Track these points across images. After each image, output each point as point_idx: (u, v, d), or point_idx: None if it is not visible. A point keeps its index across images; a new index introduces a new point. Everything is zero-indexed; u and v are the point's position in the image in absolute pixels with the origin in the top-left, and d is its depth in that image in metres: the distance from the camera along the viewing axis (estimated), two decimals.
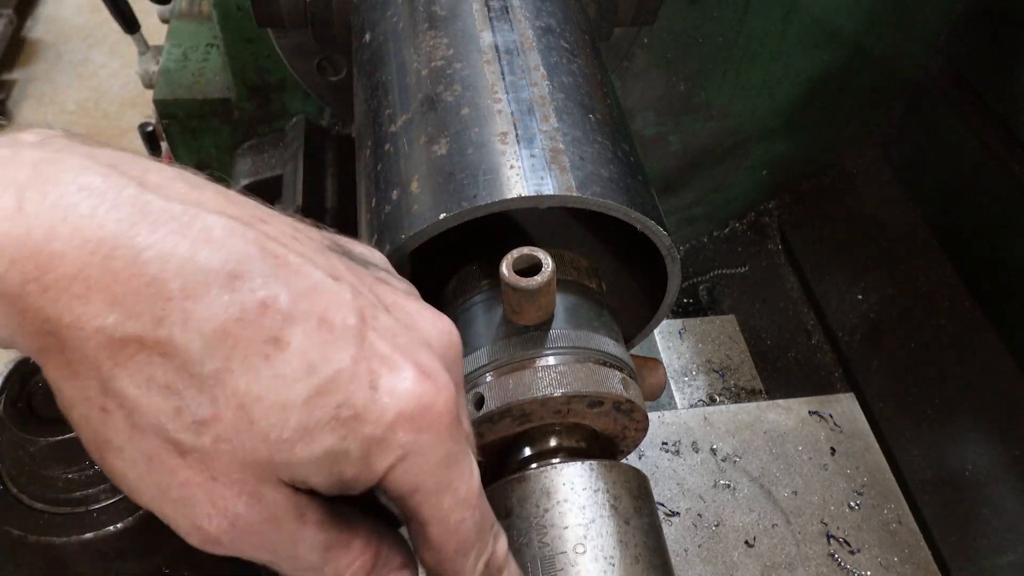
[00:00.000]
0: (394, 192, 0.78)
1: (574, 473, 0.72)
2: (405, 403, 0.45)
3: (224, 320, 0.41)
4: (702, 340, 1.52)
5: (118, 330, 0.40)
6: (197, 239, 0.42)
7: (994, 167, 1.51)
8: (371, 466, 0.45)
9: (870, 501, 1.03)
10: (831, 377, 1.68)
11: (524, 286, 0.69)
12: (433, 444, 0.46)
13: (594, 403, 0.75)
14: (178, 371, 0.41)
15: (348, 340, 0.44)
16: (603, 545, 0.68)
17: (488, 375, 0.74)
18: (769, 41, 1.55)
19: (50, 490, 0.55)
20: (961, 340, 1.54)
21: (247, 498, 0.43)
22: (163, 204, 0.42)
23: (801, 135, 1.77)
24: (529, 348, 0.75)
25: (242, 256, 0.43)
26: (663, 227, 0.77)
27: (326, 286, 0.45)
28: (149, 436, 0.42)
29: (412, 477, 0.46)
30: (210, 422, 0.42)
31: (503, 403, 0.73)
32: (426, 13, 0.91)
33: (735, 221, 1.97)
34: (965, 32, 1.59)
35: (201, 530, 0.44)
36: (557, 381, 0.73)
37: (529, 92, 0.81)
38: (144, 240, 0.41)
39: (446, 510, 0.49)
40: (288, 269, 0.44)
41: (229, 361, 0.42)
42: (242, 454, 0.43)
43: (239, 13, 1.30)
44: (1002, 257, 1.52)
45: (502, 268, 0.70)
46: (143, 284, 0.40)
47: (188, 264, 0.41)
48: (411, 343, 0.48)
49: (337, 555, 0.48)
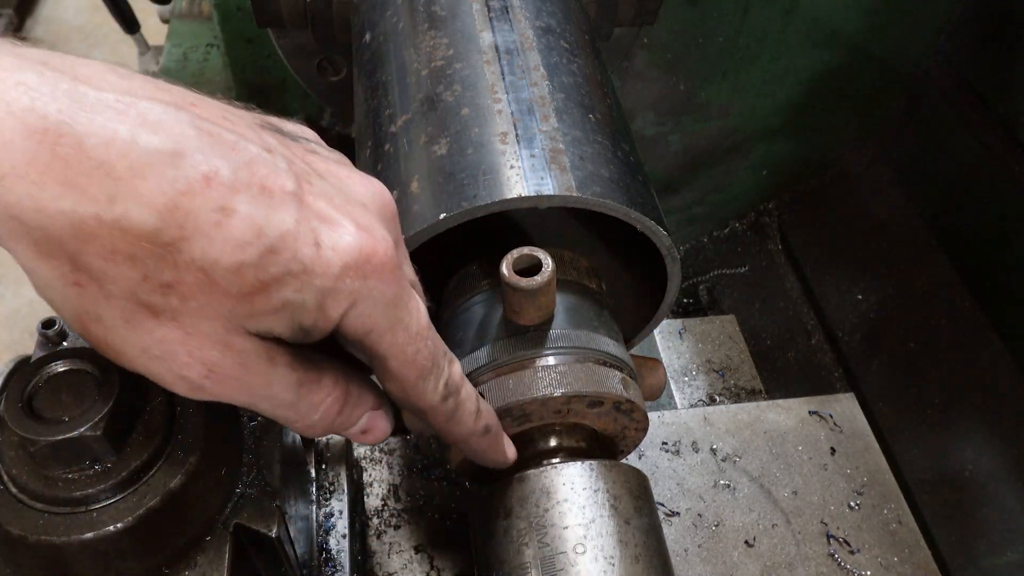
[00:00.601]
0: (394, 192, 0.78)
1: (574, 473, 0.72)
2: (348, 255, 0.50)
3: (173, 194, 0.45)
4: (702, 340, 1.52)
5: (77, 210, 0.44)
6: (135, 124, 0.45)
7: (994, 167, 1.51)
8: (327, 314, 0.51)
9: (870, 501, 1.03)
10: (831, 377, 1.68)
11: (524, 286, 0.69)
12: (379, 289, 0.52)
13: (594, 403, 0.75)
14: (138, 242, 0.45)
15: (289, 204, 0.49)
16: (603, 545, 0.68)
17: (487, 375, 0.74)
18: (769, 41, 1.55)
19: (50, 490, 0.55)
20: (961, 340, 1.54)
21: (220, 347, 0.49)
22: (97, 95, 0.46)
23: (801, 135, 1.77)
24: (529, 348, 0.75)
25: (179, 136, 0.46)
26: (663, 227, 0.77)
27: (262, 158, 0.50)
28: (122, 301, 0.47)
29: (365, 320, 0.53)
30: (175, 285, 0.47)
31: (503, 403, 0.73)
32: (426, 13, 0.91)
33: (735, 221, 1.97)
34: (965, 32, 1.58)
35: (185, 379, 0.50)
36: (557, 381, 0.73)
37: (529, 92, 0.81)
38: (85, 128, 0.44)
39: (401, 344, 0.55)
40: (224, 145, 0.48)
41: (183, 230, 0.46)
42: (208, 310, 0.48)
43: (239, 13, 1.30)
44: (1002, 257, 1.52)
45: (502, 268, 0.70)
46: (92, 167, 0.44)
47: (131, 146, 0.45)
48: (346, 203, 0.53)
49: (309, 391, 0.54)
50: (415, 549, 0.97)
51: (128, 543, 0.56)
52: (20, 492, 0.56)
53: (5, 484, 0.56)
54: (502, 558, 0.70)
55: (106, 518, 0.55)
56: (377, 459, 1.05)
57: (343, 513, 0.85)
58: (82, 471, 0.55)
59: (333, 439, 0.90)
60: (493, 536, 0.72)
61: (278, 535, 0.63)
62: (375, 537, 0.98)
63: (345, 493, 0.86)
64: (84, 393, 0.56)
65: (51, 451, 0.54)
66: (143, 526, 0.55)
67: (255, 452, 0.66)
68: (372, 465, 1.05)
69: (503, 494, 0.73)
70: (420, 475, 1.04)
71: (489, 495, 0.74)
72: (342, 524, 0.84)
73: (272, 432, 0.68)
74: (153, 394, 0.60)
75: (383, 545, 0.97)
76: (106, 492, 0.55)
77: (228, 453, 0.64)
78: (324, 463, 0.89)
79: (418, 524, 0.99)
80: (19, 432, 0.53)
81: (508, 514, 0.72)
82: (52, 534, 0.54)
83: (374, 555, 0.96)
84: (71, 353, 0.58)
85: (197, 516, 0.60)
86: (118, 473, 0.56)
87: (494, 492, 0.74)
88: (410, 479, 1.03)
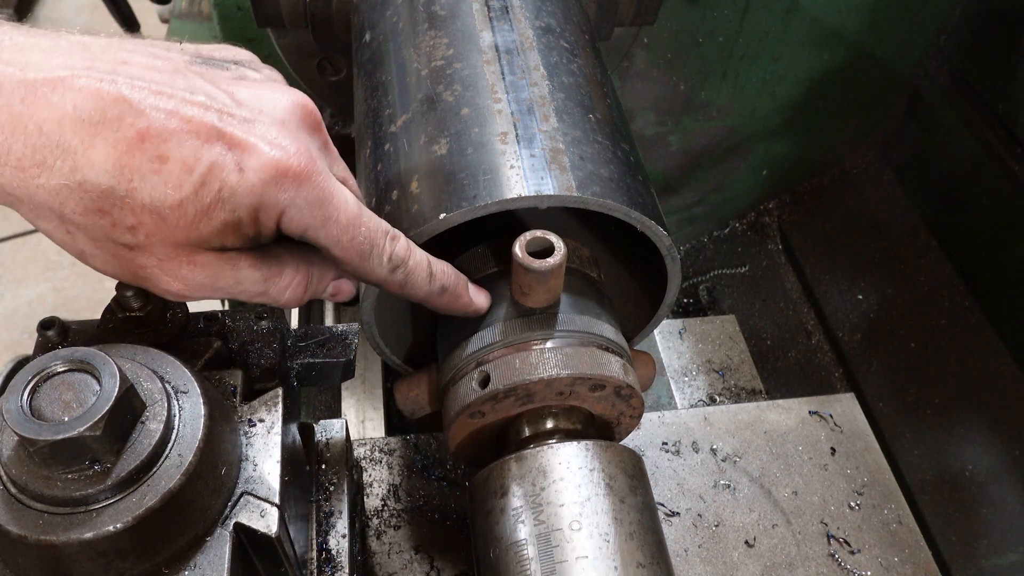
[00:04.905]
0: (394, 192, 0.78)
1: (570, 453, 0.73)
2: (267, 172, 0.59)
3: (117, 156, 0.56)
4: (702, 340, 1.52)
5: (51, 183, 0.55)
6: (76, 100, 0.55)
7: (994, 167, 1.51)
8: (263, 224, 0.61)
9: (870, 501, 1.03)
10: (831, 377, 1.68)
11: (537, 267, 0.71)
12: (302, 195, 0.61)
13: (596, 386, 0.77)
14: (102, 198, 0.56)
15: (212, 139, 0.58)
16: (598, 523, 0.69)
17: (494, 354, 0.76)
18: (769, 41, 1.55)
19: (50, 490, 0.55)
20: (961, 340, 1.54)
21: (188, 265, 0.60)
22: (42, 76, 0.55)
23: (801, 135, 1.77)
24: (536, 330, 0.76)
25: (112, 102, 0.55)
26: (663, 227, 0.77)
27: (185, 103, 0.58)
28: (104, 242, 0.59)
29: (298, 222, 0.62)
30: (137, 226, 0.58)
31: (509, 383, 0.74)
32: (426, 13, 0.91)
33: (735, 221, 1.97)
34: (965, 32, 1.58)
35: (170, 292, 0.62)
36: (563, 363, 0.75)
37: (529, 92, 0.81)
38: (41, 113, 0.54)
39: (336, 236, 0.64)
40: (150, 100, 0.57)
41: (131, 182, 0.56)
42: (169, 240, 0.59)
43: (239, 13, 1.30)
44: (1002, 257, 1.52)
45: (515, 248, 0.72)
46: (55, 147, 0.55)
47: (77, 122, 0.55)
48: (264, 126, 0.61)
49: (274, 280, 0.65)
50: (415, 549, 0.97)
51: (128, 543, 0.55)
52: (20, 492, 0.56)
53: (5, 484, 0.56)
54: (499, 535, 0.71)
55: (106, 518, 0.55)
56: (377, 459, 1.05)
57: (343, 513, 0.85)
58: (82, 471, 0.55)
59: (333, 439, 0.90)
60: (491, 514, 0.73)
61: (278, 535, 0.63)
62: (375, 537, 0.98)
63: (345, 493, 0.86)
64: (84, 393, 0.56)
65: (51, 451, 0.54)
66: (143, 526, 0.55)
67: (255, 452, 0.66)
68: (372, 465, 1.05)
69: (500, 473, 0.74)
70: (420, 475, 1.04)
71: (487, 475, 0.75)
72: (342, 524, 0.84)
73: (272, 432, 0.68)
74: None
75: (383, 545, 0.97)
76: (106, 492, 0.55)
77: (228, 453, 0.64)
78: (324, 463, 0.88)
79: (418, 524, 0.99)
80: (19, 432, 0.53)
81: (505, 493, 0.73)
82: (52, 534, 0.54)
83: (374, 555, 0.96)
84: (71, 353, 0.58)
85: (197, 516, 0.60)
86: (118, 473, 0.56)
87: (492, 472, 0.75)
88: (410, 479, 1.03)
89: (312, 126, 0.66)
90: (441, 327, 0.85)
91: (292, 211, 0.62)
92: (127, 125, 0.56)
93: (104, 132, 0.55)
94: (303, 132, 0.64)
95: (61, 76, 0.55)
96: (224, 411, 0.65)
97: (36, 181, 0.55)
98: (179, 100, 0.58)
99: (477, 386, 0.76)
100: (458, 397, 0.78)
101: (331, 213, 0.63)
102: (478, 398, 0.75)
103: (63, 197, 0.56)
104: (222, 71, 0.66)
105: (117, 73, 0.57)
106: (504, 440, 0.81)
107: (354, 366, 0.84)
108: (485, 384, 0.75)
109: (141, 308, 0.70)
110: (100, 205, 0.56)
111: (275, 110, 0.63)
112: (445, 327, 0.84)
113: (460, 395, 0.78)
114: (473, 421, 0.78)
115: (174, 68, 0.61)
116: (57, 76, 0.55)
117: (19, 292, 3.31)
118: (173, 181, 0.57)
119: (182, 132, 0.57)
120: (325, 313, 1.65)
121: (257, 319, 0.77)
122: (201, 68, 0.64)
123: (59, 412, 0.55)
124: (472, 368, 0.77)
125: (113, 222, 0.57)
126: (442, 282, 0.73)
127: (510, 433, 0.81)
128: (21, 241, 3.45)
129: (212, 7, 1.31)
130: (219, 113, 0.59)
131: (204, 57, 0.66)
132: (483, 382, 0.76)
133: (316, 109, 0.67)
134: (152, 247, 0.59)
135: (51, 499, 0.55)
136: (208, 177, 0.58)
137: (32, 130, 0.54)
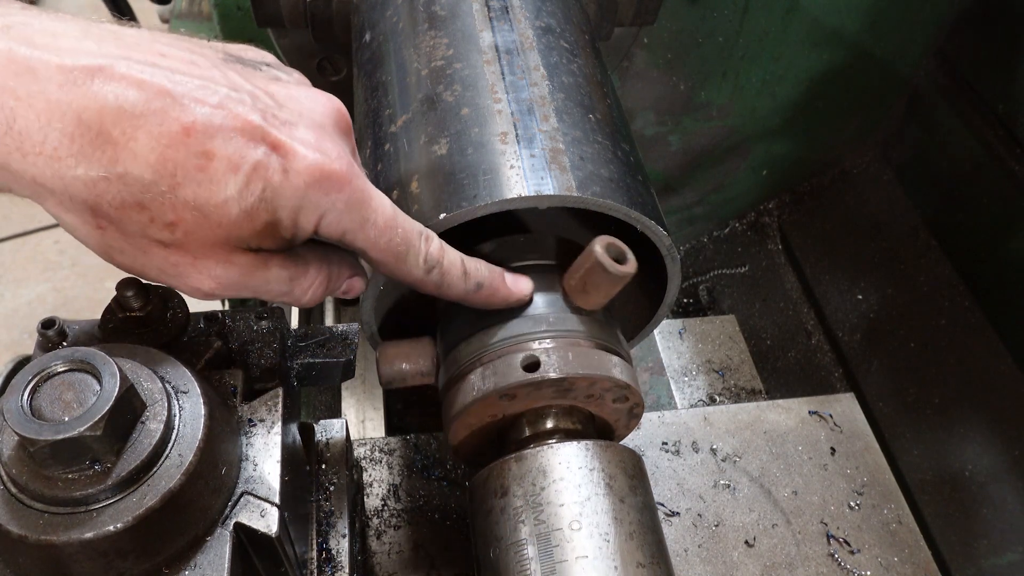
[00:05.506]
0: (394, 192, 0.78)
1: (570, 452, 0.73)
2: (309, 176, 0.59)
3: (161, 149, 0.54)
4: (702, 340, 1.52)
5: (89, 174, 0.53)
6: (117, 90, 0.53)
7: (994, 167, 1.51)
8: (302, 227, 0.61)
9: (870, 501, 1.03)
10: (831, 377, 1.68)
11: (617, 272, 0.72)
12: (341, 199, 0.61)
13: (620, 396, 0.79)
14: (142, 193, 0.55)
15: (257, 139, 0.57)
16: (598, 522, 0.69)
17: (544, 343, 0.76)
18: (769, 41, 1.55)
19: (50, 490, 0.55)
20: (961, 340, 1.54)
21: (222, 264, 0.60)
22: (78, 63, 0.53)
23: (801, 135, 1.77)
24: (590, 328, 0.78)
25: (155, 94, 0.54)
26: (663, 227, 0.77)
27: (230, 100, 0.57)
28: (137, 238, 0.57)
29: (336, 225, 0.62)
30: (177, 223, 0.56)
31: (561, 373, 0.74)
32: (426, 13, 0.91)
33: (735, 221, 1.97)
34: (964, 32, 1.58)
35: (199, 291, 0.61)
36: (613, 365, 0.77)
37: (529, 92, 0.81)
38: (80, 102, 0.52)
39: (373, 238, 0.64)
40: (195, 94, 0.56)
41: (175, 178, 0.55)
42: (208, 239, 0.58)
43: (239, 13, 1.30)
44: (1002, 257, 1.52)
45: (596, 248, 0.72)
46: (94, 136, 0.53)
47: (119, 113, 0.53)
48: (305, 129, 0.61)
49: (299, 280, 0.65)
50: (415, 549, 0.97)
51: (128, 543, 0.56)
52: (20, 492, 0.56)
53: (5, 484, 0.56)
54: (499, 535, 0.71)
55: (106, 518, 0.55)
56: (377, 459, 1.05)
57: (343, 513, 0.85)
58: (82, 471, 0.55)
59: (333, 439, 0.90)
60: (491, 514, 0.73)
61: (278, 535, 0.63)
62: (375, 537, 0.98)
63: (345, 493, 0.86)
64: (84, 393, 0.56)
65: (51, 451, 0.54)
66: (143, 526, 0.55)
67: (255, 452, 0.66)
68: (372, 465, 1.05)
69: (500, 473, 0.74)
70: (420, 475, 1.04)
71: (487, 475, 0.75)
72: (342, 524, 0.84)
73: (272, 432, 0.68)
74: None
75: (383, 545, 0.97)
76: (106, 492, 0.55)
77: (228, 453, 0.64)
78: (324, 463, 0.88)
79: (418, 524, 0.99)
80: (19, 432, 0.53)
81: (505, 492, 0.73)
82: (52, 534, 0.54)
83: (374, 555, 0.96)
84: (71, 353, 0.58)
85: (197, 516, 0.60)
86: (118, 473, 0.56)
87: (492, 471, 0.75)
88: (410, 479, 1.03)
89: (345, 130, 0.66)
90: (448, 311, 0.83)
91: (332, 215, 0.61)
92: (171, 119, 0.54)
93: (147, 124, 0.53)
94: (339, 136, 0.64)
95: (100, 64, 0.53)
96: (224, 411, 0.66)
97: (72, 172, 0.53)
98: (223, 97, 0.57)
99: (521, 368, 0.74)
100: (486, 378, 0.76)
101: (369, 216, 0.63)
102: (519, 382, 0.74)
103: (100, 189, 0.54)
104: (256, 71, 0.65)
105: (157, 65, 0.55)
106: (504, 440, 0.81)
107: (354, 366, 0.84)
108: (532, 368, 0.74)
109: (141, 308, 0.70)
110: (140, 199, 0.55)
111: (313, 113, 0.63)
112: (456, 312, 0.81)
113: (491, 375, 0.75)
114: (501, 403, 0.77)
115: (212, 64, 0.60)
116: (96, 64, 0.53)
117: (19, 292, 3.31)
118: (218, 179, 0.56)
119: (228, 129, 0.56)
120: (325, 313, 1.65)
121: (257, 319, 0.77)
122: (237, 67, 0.63)
123: (59, 412, 0.55)
124: (510, 351, 0.76)
125: (151, 217, 0.56)
126: (477, 279, 0.73)
127: (510, 432, 0.81)
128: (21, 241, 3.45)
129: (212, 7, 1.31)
130: (262, 113, 0.58)
131: (235, 56, 0.65)
132: (530, 366, 0.74)
133: (348, 113, 0.67)
134: (189, 245, 0.58)
135: (51, 499, 0.55)
136: (253, 177, 0.57)
137: (70, 118, 0.52)
